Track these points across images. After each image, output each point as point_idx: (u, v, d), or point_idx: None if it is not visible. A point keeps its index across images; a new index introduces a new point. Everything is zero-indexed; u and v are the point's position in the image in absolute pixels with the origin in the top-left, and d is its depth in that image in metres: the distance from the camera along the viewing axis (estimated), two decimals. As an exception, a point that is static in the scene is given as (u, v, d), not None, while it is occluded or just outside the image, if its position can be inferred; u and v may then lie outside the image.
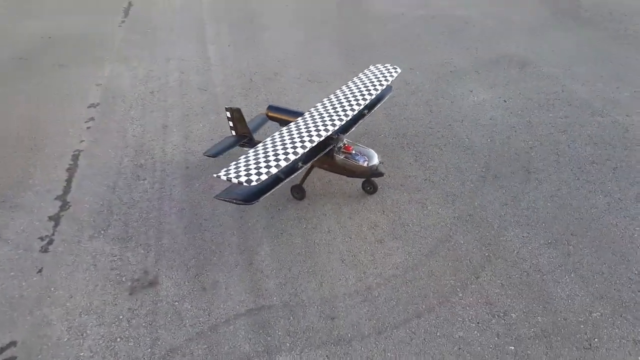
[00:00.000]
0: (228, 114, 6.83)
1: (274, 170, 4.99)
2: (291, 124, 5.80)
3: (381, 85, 6.36)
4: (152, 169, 7.05)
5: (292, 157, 5.15)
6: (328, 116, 5.78)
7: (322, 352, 4.52)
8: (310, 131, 5.47)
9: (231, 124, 6.92)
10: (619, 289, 4.85)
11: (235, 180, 4.89)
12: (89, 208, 6.42)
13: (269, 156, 5.13)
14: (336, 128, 5.66)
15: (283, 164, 5.06)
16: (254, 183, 4.86)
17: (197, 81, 9.19)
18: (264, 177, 4.90)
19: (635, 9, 10.91)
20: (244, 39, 10.79)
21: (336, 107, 5.96)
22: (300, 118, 5.90)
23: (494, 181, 6.31)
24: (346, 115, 5.78)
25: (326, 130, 5.48)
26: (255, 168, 4.99)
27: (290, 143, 5.30)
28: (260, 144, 5.46)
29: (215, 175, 5.04)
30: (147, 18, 12.39)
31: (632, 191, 5.97)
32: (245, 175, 4.92)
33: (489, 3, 11.74)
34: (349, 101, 6.04)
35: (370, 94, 6.16)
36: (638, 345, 4.36)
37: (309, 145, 5.31)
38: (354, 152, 5.99)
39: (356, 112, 5.93)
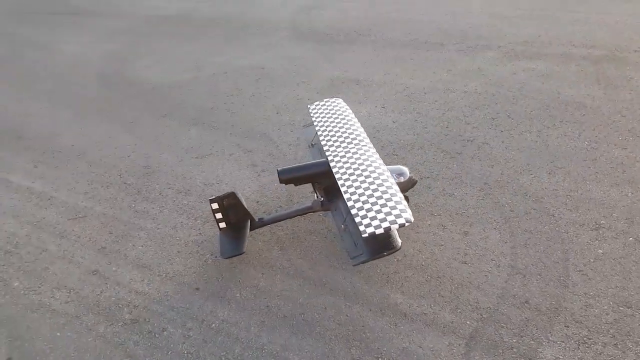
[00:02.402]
0: (215, 206, 5.77)
1: (405, 202, 4.70)
2: (337, 170, 5.34)
3: (349, 112, 6.43)
4: (154, 314, 5.37)
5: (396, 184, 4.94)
6: (356, 151, 5.59)
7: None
8: (371, 164, 5.25)
9: (219, 215, 5.86)
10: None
11: (396, 226, 4.40)
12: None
13: (381, 197, 4.76)
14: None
15: (401, 195, 4.81)
16: (411, 220, 4.48)
17: (56, 214, 7.12)
18: (410, 210, 4.57)
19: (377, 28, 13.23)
20: (56, 152, 8.74)
21: (352, 142, 5.75)
22: (335, 162, 5.47)
23: (464, 155, 7.21)
24: (369, 145, 5.69)
25: (376, 157, 5.35)
26: (390, 208, 4.57)
27: (377, 174, 5.00)
28: (352, 194, 4.89)
29: (365, 235, 4.38)
30: None
31: (548, 132, 7.64)
32: (394, 216, 4.47)
33: (246, 51, 12.41)
34: (351, 133, 5.93)
35: (353, 119, 6.19)
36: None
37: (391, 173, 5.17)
38: (385, 174, 5.95)
39: (366, 138, 5.91)
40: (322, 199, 5.88)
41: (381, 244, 4.67)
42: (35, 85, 11.87)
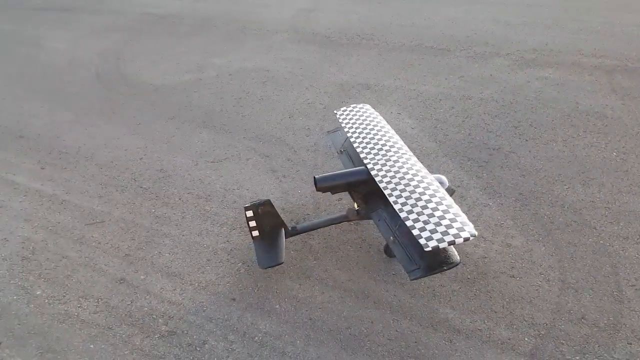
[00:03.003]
0: (249, 214, 5.53)
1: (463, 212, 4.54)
2: (380, 179, 5.14)
3: (380, 118, 6.24)
4: (191, 326, 5.10)
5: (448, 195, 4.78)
6: (397, 159, 5.40)
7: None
8: (417, 173, 5.08)
9: (253, 223, 5.61)
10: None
11: (460, 240, 4.23)
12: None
13: (437, 208, 4.58)
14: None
15: (457, 206, 4.65)
16: (475, 233, 4.32)
17: (71, 218, 6.80)
18: (471, 223, 4.41)
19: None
20: (63, 153, 8.36)
21: (390, 150, 5.58)
22: (376, 170, 5.26)
23: (492, 164, 7.14)
24: (410, 154, 5.53)
25: (420, 166, 5.18)
26: (450, 220, 4.41)
27: (426, 184, 4.83)
28: (403, 204, 4.70)
29: (428, 249, 4.18)
30: None
31: (574, 141, 7.68)
32: (456, 230, 4.30)
33: (247, 53, 12.17)
34: (387, 140, 5.76)
35: (386, 126, 6.00)
36: None
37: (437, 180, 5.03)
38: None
39: (404, 146, 5.73)
40: (358, 208, 5.69)
41: (439, 258, 4.49)
42: (31, 83, 11.42)
